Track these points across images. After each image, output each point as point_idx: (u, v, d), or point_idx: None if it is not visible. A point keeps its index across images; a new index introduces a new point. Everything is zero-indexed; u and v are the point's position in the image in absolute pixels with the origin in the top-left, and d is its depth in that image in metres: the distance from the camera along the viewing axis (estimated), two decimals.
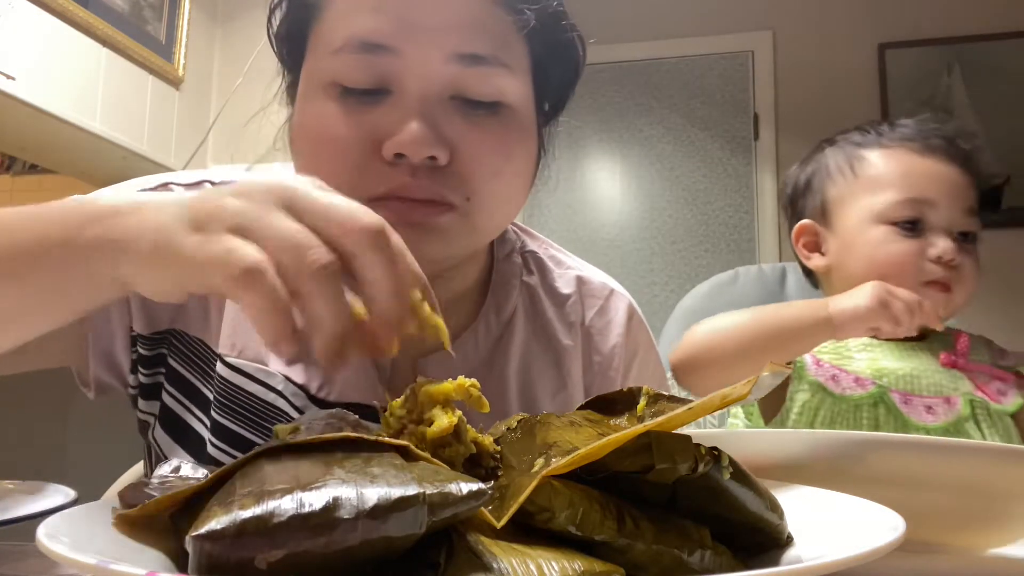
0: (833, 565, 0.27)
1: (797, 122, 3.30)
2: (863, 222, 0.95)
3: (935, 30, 3.23)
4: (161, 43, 2.57)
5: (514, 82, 0.60)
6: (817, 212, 1.02)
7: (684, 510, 0.33)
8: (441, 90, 0.57)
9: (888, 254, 0.92)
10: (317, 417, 0.42)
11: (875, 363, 0.93)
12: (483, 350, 0.69)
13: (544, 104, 0.67)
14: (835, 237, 0.99)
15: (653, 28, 3.49)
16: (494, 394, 0.67)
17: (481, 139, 0.58)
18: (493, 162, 0.59)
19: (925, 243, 0.92)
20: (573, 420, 0.41)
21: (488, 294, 0.71)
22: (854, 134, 1.02)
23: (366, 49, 0.57)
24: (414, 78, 0.57)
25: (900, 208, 0.93)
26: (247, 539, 0.27)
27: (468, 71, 0.57)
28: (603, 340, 0.74)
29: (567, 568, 0.28)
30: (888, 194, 0.94)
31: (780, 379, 0.39)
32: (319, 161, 0.58)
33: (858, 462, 0.43)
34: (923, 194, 0.92)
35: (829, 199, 1.00)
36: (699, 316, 1.26)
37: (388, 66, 0.57)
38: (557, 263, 0.77)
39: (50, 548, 0.28)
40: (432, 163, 0.56)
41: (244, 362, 0.63)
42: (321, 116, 0.58)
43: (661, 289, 3.44)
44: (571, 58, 0.66)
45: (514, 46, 0.60)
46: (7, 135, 2.26)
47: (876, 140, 0.99)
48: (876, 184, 0.95)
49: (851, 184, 0.98)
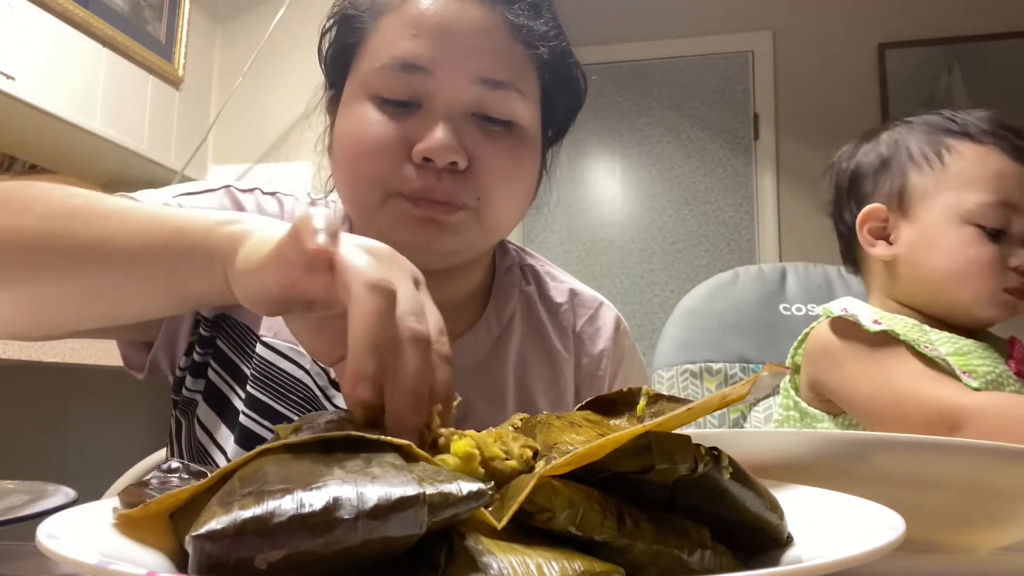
0: (833, 565, 0.27)
1: (797, 122, 3.30)
2: (949, 219, 0.92)
3: (935, 30, 3.23)
4: (161, 43, 2.57)
5: (526, 106, 0.70)
6: (893, 197, 0.96)
7: (684, 510, 0.33)
8: (465, 107, 0.67)
9: (974, 257, 0.90)
10: (318, 417, 0.42)
11: (965, 362, 0.88)
12: (484, 347, 0.78)
13: (548, 129, 0.76)
14: (912, 228, 0.94)
15: (653, 28, 3.49)
16: (493, 387, 0.77)
17: (495, 151, 0.68)
18: (503, 170, 0.68)
19: (1007, 251, 0.90)
20: (573, 420, 0.41)
21: (490, 300, 0.80)
22: (944, 119, 0.96)
23: (405, 68, 0.66)
24: (443, 95, 0.66)
25: (990, 211, 0.90)
26: (247, 539, 0.27)
27: (489, 93, 0.67)
28: (592, 345, 0.83)
29: (567, 568, 0.28)
30: (980, 195, 0.91)
31: (780, 379, 0.39)
32: (359, 159, 0.68)
33: (859, 462, 0.43)
34: (1013, 199, 0.90)
35: (911, 186, 0.95)
36: (699, 316, 1.27)
37: (422, 83, 0.66)
38: (552, 277, 0.87)
39: (50, 548, 0.28)
40: (453, 167, 0.66)
41: (279, 342, 0.71)
42: (363, 121, 0.67)
43: (661, 289, 3.44)
44: (574, 90, 0.76)
45: (528, 76, 0.70)
46: (7, 135, 2.26)
47: (962, 131, 0.94)
48: (968, 181, 0.92)
49: (939, 175, 0.93)
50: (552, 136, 0.78)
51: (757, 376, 0.36)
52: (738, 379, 1.20)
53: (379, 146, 0.66)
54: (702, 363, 1.21)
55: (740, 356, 1.20)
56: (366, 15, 0.70)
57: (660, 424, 0.33)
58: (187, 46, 2.67)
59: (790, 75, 3.37)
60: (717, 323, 1.24)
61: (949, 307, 0.93)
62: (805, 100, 3.30)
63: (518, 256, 0.86)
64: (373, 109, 0.67)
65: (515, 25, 0.68)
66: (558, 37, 0.72)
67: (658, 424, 0.33)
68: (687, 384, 1.20)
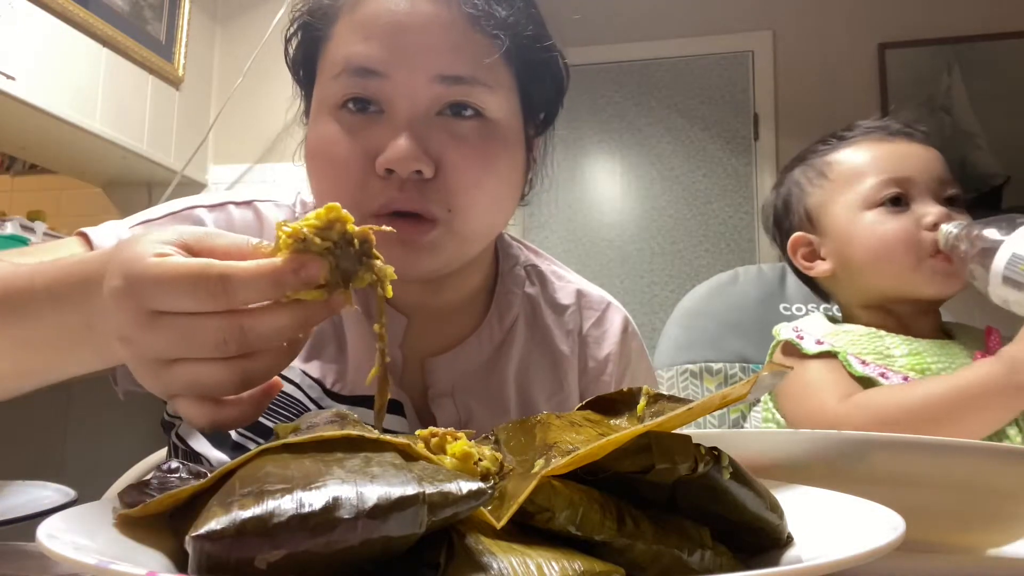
0: (833, 565, 0.27)
1: (797, 122, 3.30)
2: (851, 213, 0.95)
3: (935, 30, 3.23)
4: (161, 43, 2.57)
5: (495, 99, 0.65)
6: (803, 223, 1.02)
7: (684, 510, 0.33)
8: (427, 108, 0.63)
9: (885, 233, 0.92)
10: (317, 416, 0.42)
11: (918, 362, 0.90)
12: (486, 352, 0.75)
13: (534, 117, 0.72)
14: (829, 239, 0.99)
15: (653, 28, 3.49)
16: (494, 394, 0.74)
17: (463, 152, 0.64)
18: (473, 173, 0.64)
19: (917, 215, 0.92)
20: (573, 420, 0.41)
21: (492, 302, 0.77)
22: (816, 146, 1.03)
23: (359, 74, 0.63)
24: (402, 98, 0.63)
25: (881, 188, 0.93)
26: (247, 539, 0.27)
27: (450, 90, 0.63)
28: (598, 348, 0.80)
29: (567, 568, 0.28)
30: (867, 180, 0.95)
31: (780, 379, 0.39)
32: (326, 179, 0.65)
33: (858, 462, 0.43)
34: (899, 172, 0.94)
35: (810, 207, 1.01)
36: (699, 316, 1.27)
37: (379, 88, 0.63)
38: (558, 277, 0.83)
39: (50, 548, 0.28)
40: (419, 176, 0.62)
41: None
42: (325, 137, 0.65)
43: (661, 289, 3.43)
44: (552, 75, 0.72)
45: (495, 68, 0.65)
46: (7, 135, 2.26)
47: (840, 143, 1.00)
48: (852, 176, 0.96)
49: (828, 187, 0.99)
50: (540, 125, 0.74)
51: (757, 376, 0.36)
52: (738, 379, 1.20)
53: (343, 164, 0.63)
54: (702, 363, 1.21)
55: (740, 356, 1.20)
56: (322, 22, 0.68)
57: (660, 424, 0.33)
58: (187, 46, 2.67)
59: (790, 75, 3.37)
60: (717, 323, 1.24)
61: (894, 293, 0.95)
62: (805, 100, 3.29)
63: (522, 255, 0.83)
64: (334, 124, 0.64)
65: (473, 16, 0.64)
66: (526, 22, 0.67)
67: (658, 424, 0.33)
68: (687, 384, 1.20)
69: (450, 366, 0.72)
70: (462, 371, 0.73)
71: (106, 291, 0.42)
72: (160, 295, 0.40)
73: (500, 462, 0.38)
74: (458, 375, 0.73)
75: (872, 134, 0.99)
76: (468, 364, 0.73)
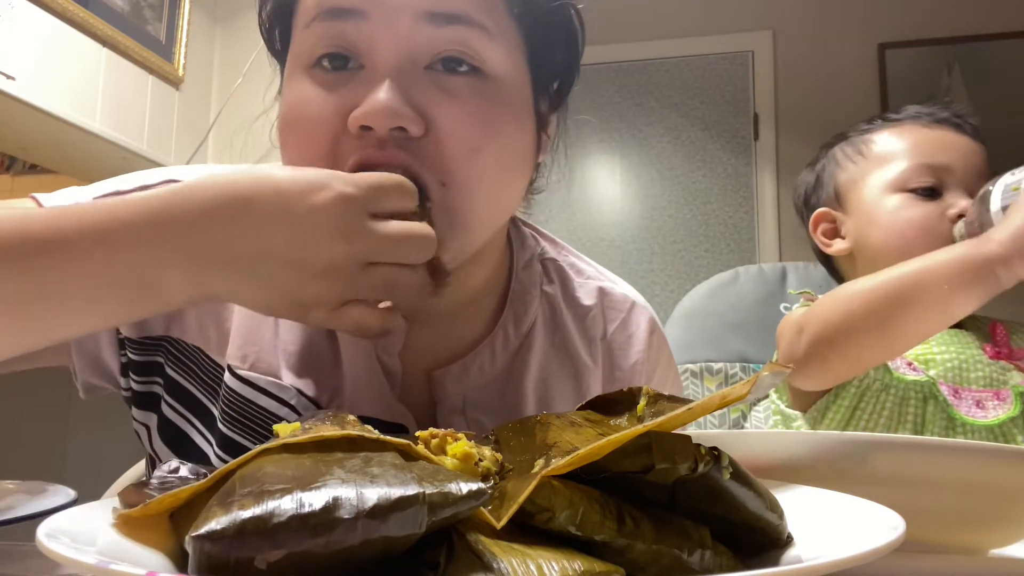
0: (833, 565, 0.27)
1: (797, 122, 3.30)
2: (880, 193, 0.94)
3: (935, 30, 3.23)
4: (161, 43, 2.57)
5: (496, 49, 0.55)
6: (831, 200, 1.01)
7: (684, 510, 0.33)
8: (414, 55, 0.53)
9: (910, 218, 0.91)
10: (317, 416, 0.42)
11: (925, 350, 0.89)
12: (500, 363, 0.65)
13: (547, 86, 0.62)
14: (852, 217, 0.98)
15: (653, 28, 3.49)
16: (511, 408, 0.64)
17: (458, 111, 0.53)
18: (472, 136, 0.53)
19: (945, 205, 0.90)
20: (573, 420, 0.41)
21: (507, 305, 0.67)
22: (861, 124, 1.02)
23: (334, 15, 0.53)
24: (384, 44, 0.53)
25: (915, 173, 0.92)
26: (247, 539, 0.27)
27: (441, 31, 0.53)
28: (624, 356, 0.71)
29: (567, 568, 0.28)
30: (901, 163, 0.94)
31: (780, 379, 0.39)
32: (294, 145, 0.56)
33: (859, 462, 0.43)
34: (937, 160, 0.92)
35: (840, 184, 0.99)
36: (699, 316, 1.27)
37: (357, 32, 0.53)
38: (578, 272, 0.74)
39: (50, 548, 0.28)
40: (403, 134, 0.52)
41: (256, 375, 0.59)
42: (298, 98, 0.55)
43: (661, 289, 3.43)
44: (567, 29, 0.61)
45: (496, 12, 0.55)
46: (7, 135, 2.26)
47: (883, 124, 0.99)
48: (888, 158, 0.95)
49: (861, 165, 0.97)
50: (554, 93, 0.63)
51: (757, 376, 0.36)
52: (738, 379, 1.20)
53: (313, 124, 0.53)
54: (702, 363, 1.21)
55: (740, 356, 1.20)
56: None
57: (660, 424, 0.33)
58: (187, 46, 2.67)
59: (790, 75, 3.37)
60: (717, 323, 1.24)
61: None
62: (805, 100, 3.29)
63: (538, 246, 0.72)
64: (307, 82, 0.55)
65: None
66: None
67: (658, 424, 0.33)
68: (687, 384, 1.20)
69: (461, 379, 0.63)
70: (475, 385, 0.63)
71: (323, 200, 0.44)
72: (390, 200, 0.47)
73: (500, 462, 0.38)
74: (470, 389, 0.63)
75: (918, 119, 0.97)
76: (481, 376, 0.64)
